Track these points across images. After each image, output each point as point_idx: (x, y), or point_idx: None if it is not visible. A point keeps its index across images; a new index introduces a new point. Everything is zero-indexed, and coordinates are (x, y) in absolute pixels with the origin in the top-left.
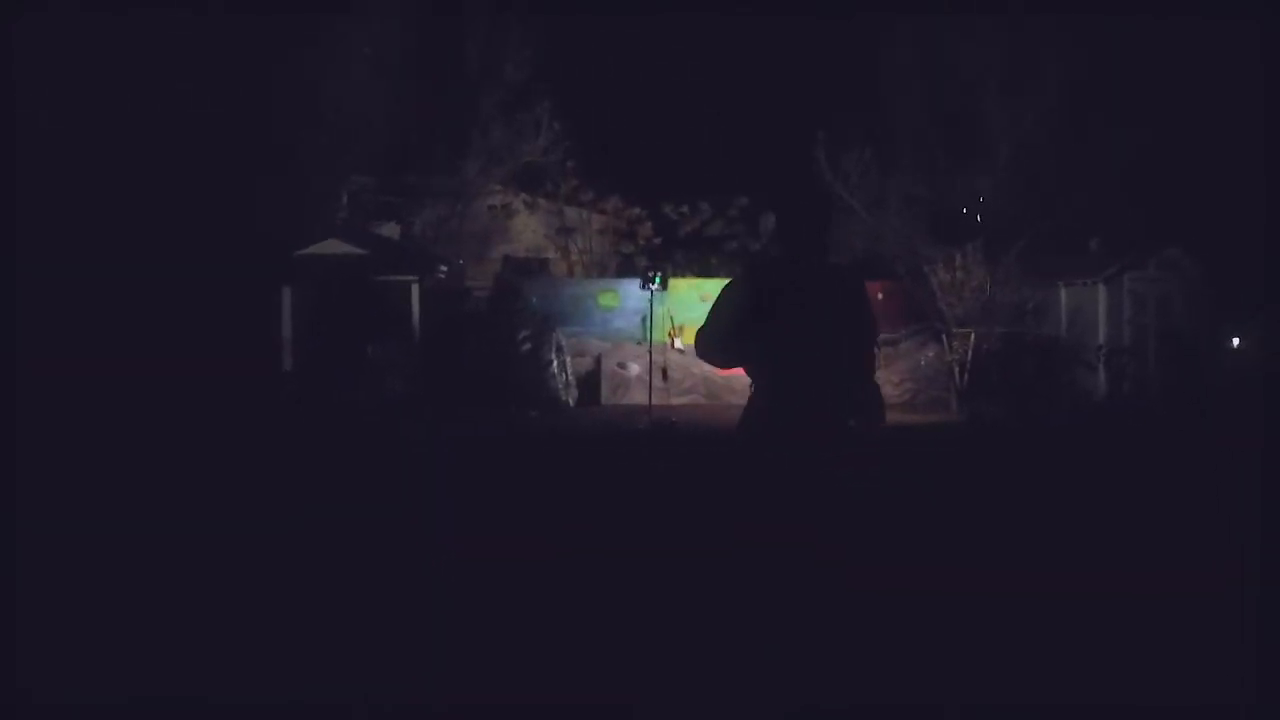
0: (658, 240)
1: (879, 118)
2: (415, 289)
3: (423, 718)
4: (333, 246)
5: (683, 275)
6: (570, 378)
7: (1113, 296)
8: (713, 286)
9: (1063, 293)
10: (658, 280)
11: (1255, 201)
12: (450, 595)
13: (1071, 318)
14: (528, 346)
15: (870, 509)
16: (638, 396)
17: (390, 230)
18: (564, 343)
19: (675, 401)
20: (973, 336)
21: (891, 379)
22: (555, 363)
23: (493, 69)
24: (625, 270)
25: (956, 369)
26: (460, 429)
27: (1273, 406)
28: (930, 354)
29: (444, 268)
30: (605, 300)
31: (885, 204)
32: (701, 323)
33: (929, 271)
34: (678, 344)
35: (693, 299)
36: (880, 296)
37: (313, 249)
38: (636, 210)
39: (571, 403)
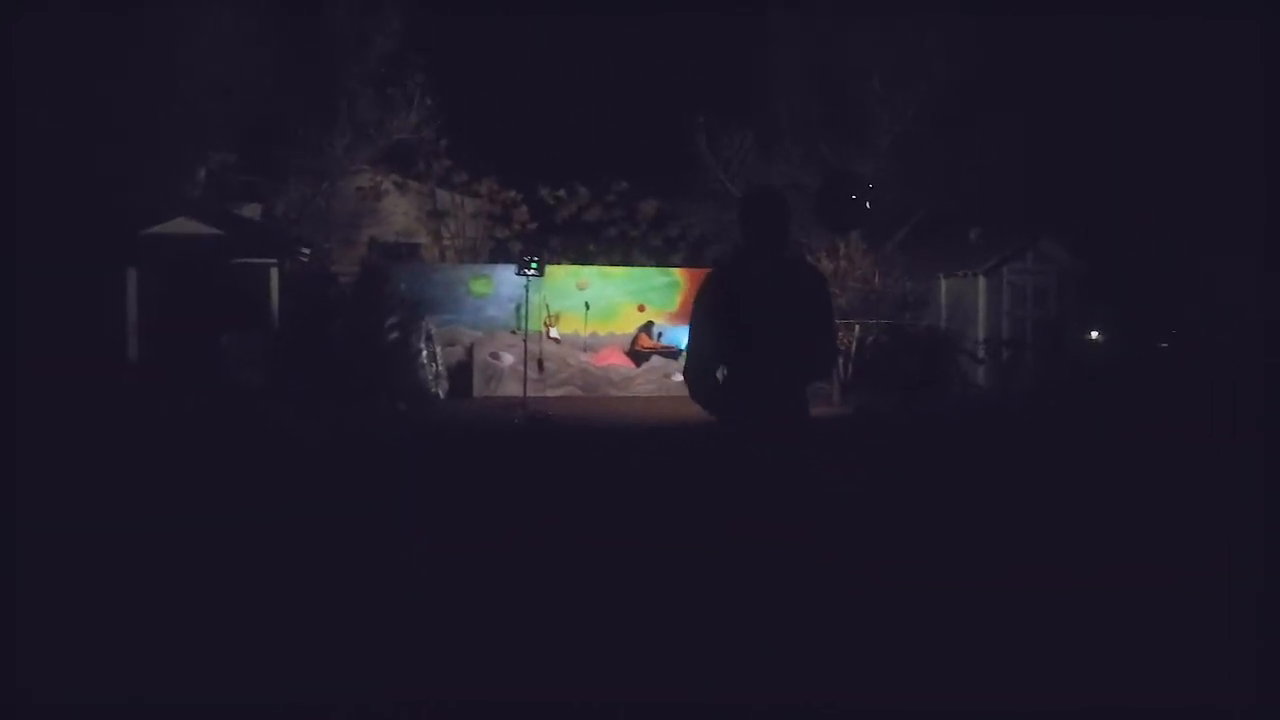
0: (533, 225)
1: (762, 103)
2: (274, 273)
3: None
4: (184, 226)
5: (559, 262)
6: (441, 368)
7: (992, 288)
8: (591, 273)
9: (943, 284)
10: (535, 266)
11: (1128, 194)
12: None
13: (952, 309)
14: (395, 335)
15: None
16: (512, 388)
17: (252, 211)
18: (434, 331)
19: (551, 394)
20: (856, 328)
21: None
22: (425, 352)
23: (362, 38)
24: (500, 256)
25: (840, 361)
26: (319, 423)
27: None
28: None
29: (306, 250)
30: (478, 287)
31: None
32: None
33: (812, 261)
34: (553, 333)
35: (569, 287)
36: None
37: (161, 228)
38: (512, 193)
39: (442, 395)
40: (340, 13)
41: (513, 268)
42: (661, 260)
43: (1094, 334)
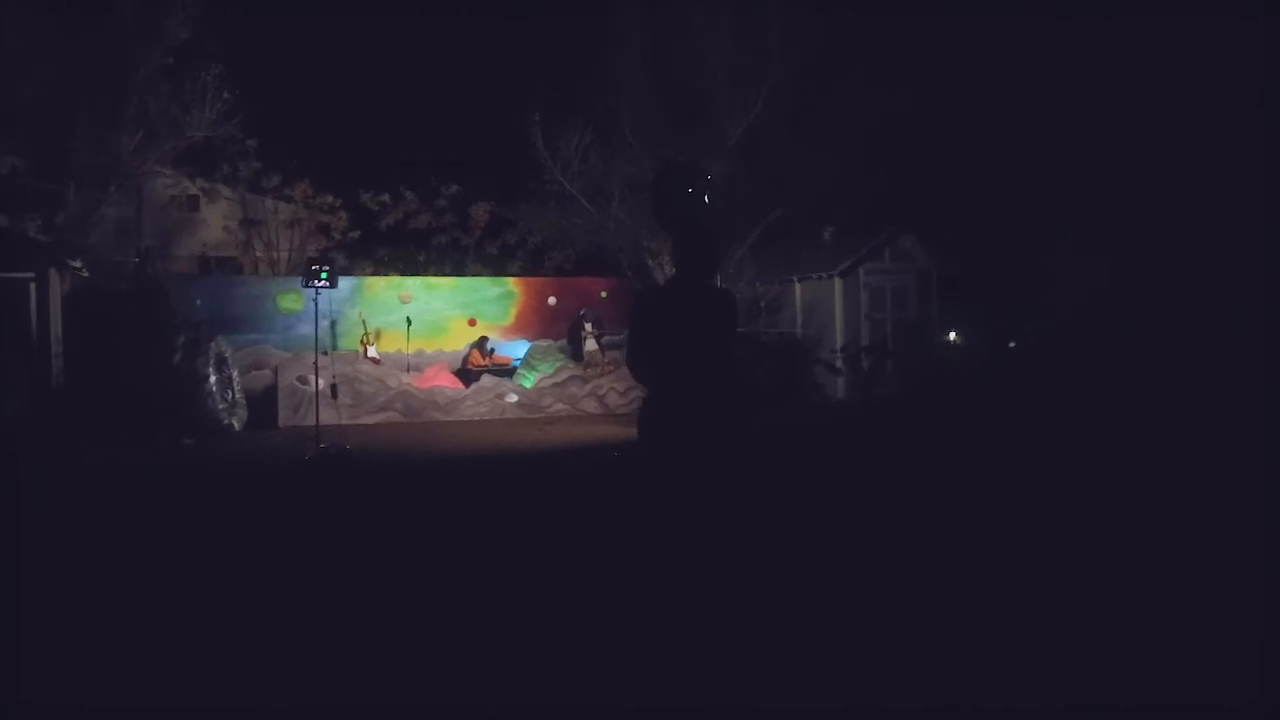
0: (356, 234)
1: (602, 98)
2: (33, 289)
3: None
4: None
5: (387, 273)
6: (238, 395)
7: (849, 290)
8: (414, 285)
9: (797, 288)
10: (325, 276)
11: (986, 190)
12: None
13: (807, 314)
14: (179, 358)
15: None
16: (323, 416)
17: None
18: (229, 354)
19: (368, 420)
20: None
21: (616, 387)
22: (214, 379)
23: (153, 24)
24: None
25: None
26: (69, 463)
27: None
28: None
29: (76, 264)
30: (287, 303)
31: (608, 193)
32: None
33: (654, 266)
34: (372, 352)
35: (390, 300)
36: (604, 295)
37: None
38: (329, 198)
39: (238, 426)
40: None
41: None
42: (499, 270)
43: (952, 335)
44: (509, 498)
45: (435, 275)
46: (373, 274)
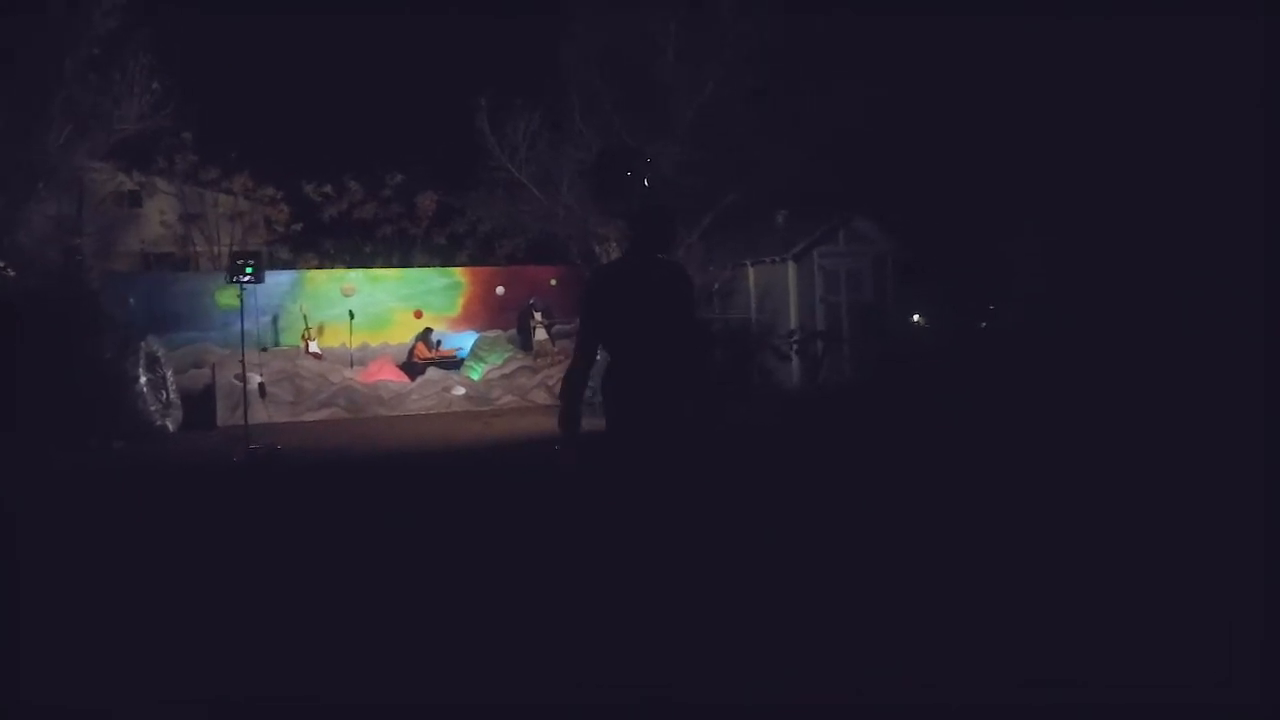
0: (298, 226)
1: (548, 81)
2: None
3: None
4: None
5: (332, 266)
6: (173, 396)
7: (803, 274)
8: (357, 277)
9: (750, 272)
10: (250, 271)
11: (940, 171)
12: None
13: (761, 299)
14: (107, 359)
15: None
16: (262, 415)
17: None
18: (161, 353)
19: (309, 417)
20: None
21: (557, 377)
22: (144, 379)
23: (77, 14)
24: (270, 261)
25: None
26: None
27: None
28: None
29: (7, 270)
30: (225, 299)
31: (557, 179)
32: None
33: (602, 253)
34: (313, 347)
35: (333, 294)
36: (553, 284)
37: None
38: (270, 190)
39: (173, 427)
40: None
41: (270, 275)
42: (447, 260)
43: (916, 317)
44: (443, 494)
45: (382, 267)
46: (317, 267)
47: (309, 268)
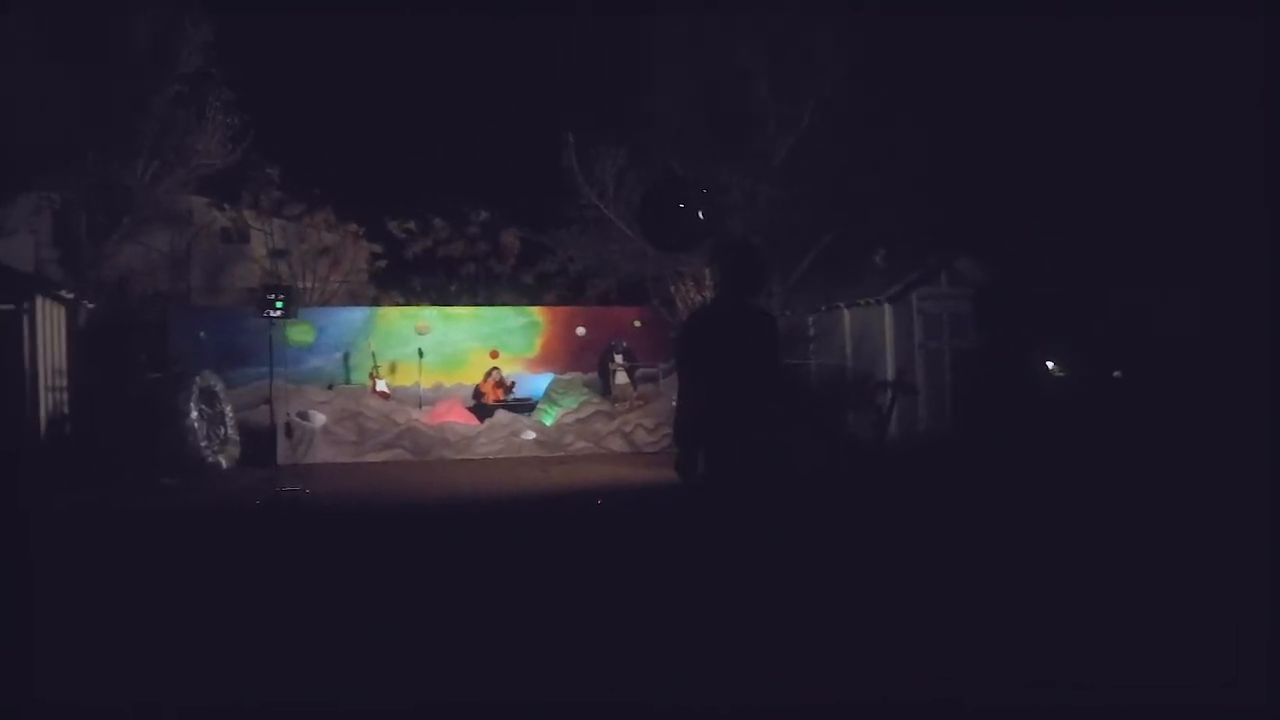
0: (383, 263)
1: (637, 117)
2: (26, 321)
3: None
4: None
5: (419, 303)
6: (230, 432)
7: (900, 317)
8: (431, 315)
9: (846, 315)
10: (280, 306)
11: (1052, 210)
12: None
13: (857, 343)
14: (157, 394)
15: None
16: (325, 453)
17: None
18: (219, 389)
19: (372, 458)
20: None
21: (645, 423)
22: (195, 414)
23: (165, 52)
24: (354, 298)
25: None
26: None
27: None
28: None
29: (67, 293)
30: (296, 335)
31: None
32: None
33: (676, 293)
34: (381, 385)
35: (406, 331)
36: (637, 325)
37: None
38: (352, 226)
39: (225, 464)
40: (140, 25)
41: (339, 312)
42: (535, 299)
43: (1050, 364)
44: (446, 545)
45: (467, 305)
46: (404, 304)
47: (394, 305)
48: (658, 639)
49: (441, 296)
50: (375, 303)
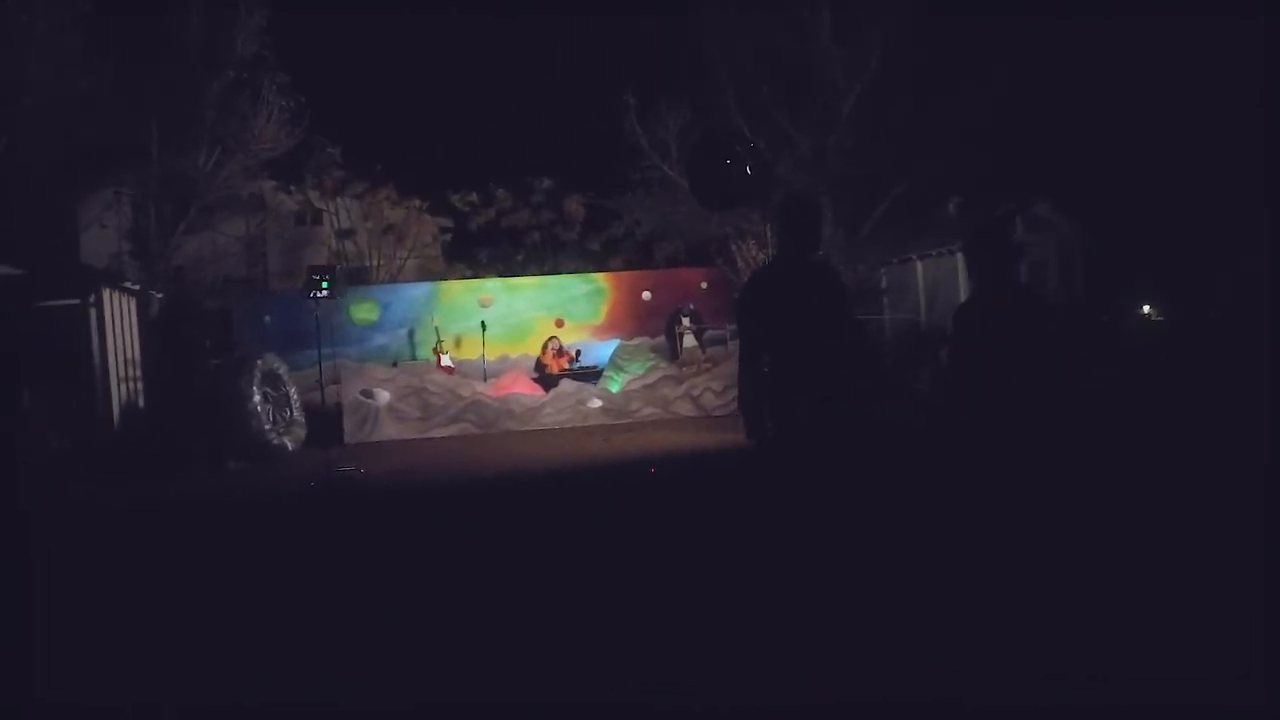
0: (447, 236)
1: (697, 74)
2: (94, 315)
3: None
4: None
5: (486, 275)
6: (296, 414)
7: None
8: (494, 287)
9: (918, 267)
10: (326, 286)
11: (1133, 150)
12: None
13: (931, 296)
14: (218, 378)
15: None
16: (390, 430)
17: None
18: (282, 371)
19: (438, 434)
20: None
21: (713, 386)
22: (257, 397)
23: (220, 40)
24: (422, 273)
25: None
26: (96, 495)
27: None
28: None
29: (132, 284)
30: (360, 313)
31: None
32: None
33: (737, 251)
34: (446, 360)
35: (469, 305)
36: (704, 287)
37: None
38: (416, 202)
39: (291, 445)
40: (194, 15)
41: (406, 287)
42: (602, 266)
43: (1145, 309)
44: (480, 529)
45: (534, 274)
46: (473, 276)
47: (461, 278)
48: (663, 636)
49: (508, 267)
50: (443, 277)
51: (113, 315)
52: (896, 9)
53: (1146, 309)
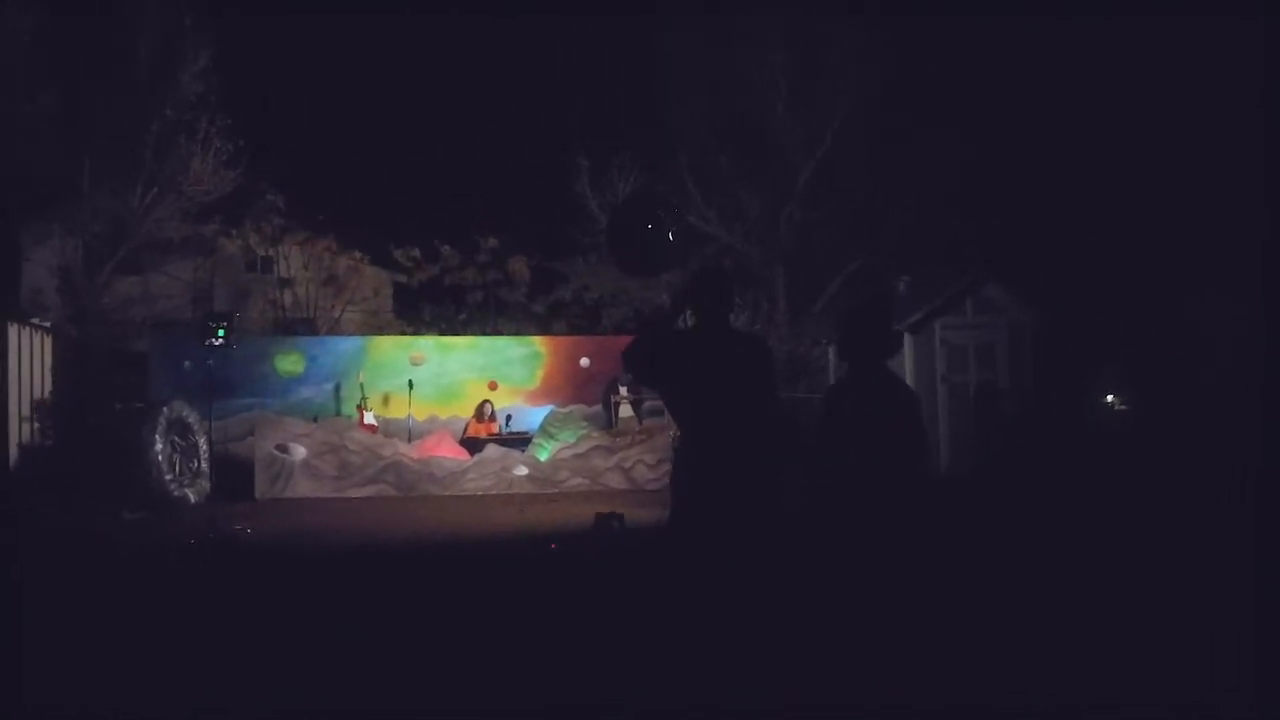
0: (389, 291)
1: (654, 141)
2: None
3: None
4: None
5: (428, 334)
6: (203, 465)
7: (921, 347)
8: (427, 345)
9: None
10: (222, 334)
11: (1094, 233)
12: None
13: None
14: (118, 425)
15: None
16: (304, 488)
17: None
18: (192, 420)
19: (354, 494)
20: None
21: (646, 459)
22: (160, 446)
23: (165, 79)
24: (365, 327)
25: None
26: None
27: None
28: None
29: (40, 322)
30: (285, 365)
31: None
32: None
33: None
34: (369, 418)
35: (400, 362)
36: None
37: None
38: (355, 255)
39: (194, 498)
40: (144, 45)
41: (329, 342)
42: (546, 329)
43: (1109, 398)
44: (346, 597)
45: (475, 334)
46: (411, 334)
47: (402, 334)
48: None
49: (450, 326)
50: (382, 332)
51: (19, 352)
52: (854, 80)
53: (1110, 398)
